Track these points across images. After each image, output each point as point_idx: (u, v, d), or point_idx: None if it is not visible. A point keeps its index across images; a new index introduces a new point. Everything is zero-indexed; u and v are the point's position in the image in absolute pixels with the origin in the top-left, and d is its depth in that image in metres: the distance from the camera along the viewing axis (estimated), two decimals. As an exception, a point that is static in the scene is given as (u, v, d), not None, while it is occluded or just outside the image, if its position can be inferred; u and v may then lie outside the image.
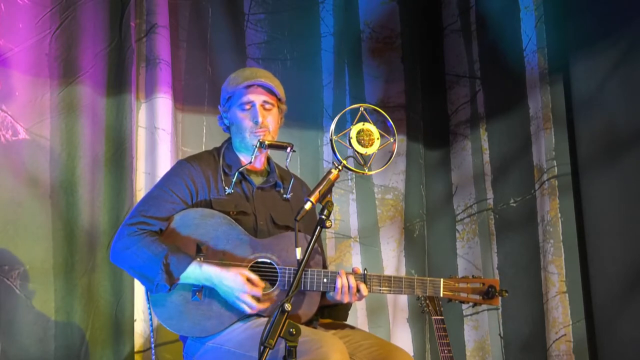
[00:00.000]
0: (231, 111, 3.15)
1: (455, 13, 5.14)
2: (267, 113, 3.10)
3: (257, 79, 3.10)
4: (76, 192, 3.90)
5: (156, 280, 2.82)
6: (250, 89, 3.10)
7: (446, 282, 3.04)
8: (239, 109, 3.11)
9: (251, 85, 3.10)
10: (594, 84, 4.28)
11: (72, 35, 4.01)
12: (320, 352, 2.59)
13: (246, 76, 3.12)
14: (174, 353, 3.85)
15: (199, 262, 2.85)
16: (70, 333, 3.79)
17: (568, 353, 4.21)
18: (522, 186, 4.60)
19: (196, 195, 3.03)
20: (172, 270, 2.82)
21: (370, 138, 2.63)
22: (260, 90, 3.10)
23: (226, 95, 3.16)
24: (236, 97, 3.12)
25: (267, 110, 3.11)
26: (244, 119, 3.10)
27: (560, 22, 4.46)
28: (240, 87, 3.10)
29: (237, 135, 3.14)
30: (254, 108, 3.09)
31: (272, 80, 3.14)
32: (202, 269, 2.84)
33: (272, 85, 3.10)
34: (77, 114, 3.96)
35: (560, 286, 4.27)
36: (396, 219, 4.87)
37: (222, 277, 2.82)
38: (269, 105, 3.11)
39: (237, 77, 3.14)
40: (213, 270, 2.84)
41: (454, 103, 5.12)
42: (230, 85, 3.14)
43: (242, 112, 3.11)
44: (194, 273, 2.84)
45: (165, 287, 2.83)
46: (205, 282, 2.85)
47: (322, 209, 2.59)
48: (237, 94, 3.11)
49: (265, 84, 3.09)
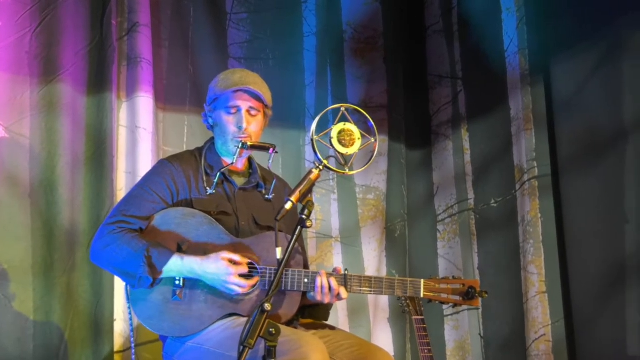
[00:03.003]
0: (216, 112, 3.14)
1: (438, 14, 5.15)
2: (252, 119, 3.09)
3: (246, 86, 3.07)
4: (56, 191, 3.88)
5: (138, 273, 2.81)
6: (237, 94, 3.08)
7: (427, 282, 3.04)
8: (224, 111, 3.10)
9: (239, 90, 3.09)
10: (575, 85, 4.31)
11: (53, 33, 3.98)
12: (300, 352, 2.59)
13: (235, 81, 3.10)
14: (154, 353, 3.83)
15: (181, 255, 2.85)
16: (49, 333, 3.77)
17: (547, 353, 4.23)
18: (502, 187, 4.63)
19: (177, 194, 3.02)
20: (155, 262, 2.81)
21: (352, 138, 2.64)
22: (248, 97, 3.09)
23: (213, 96, 3.14)
24: (223, 100, 3.10)
25: (253, 117, 3.10)
26: (229, 123, 3.09)
27: (542, 24, 4.49)
28: (228, 91, 3.08)
29: (220, 137, 3.13)
30: (239, 113, 3.08)
31: (260, 86, 3.12)
32: (184, 261, 2.83)
33: (260, 93, 3.09)
34: (58, 113, 3.93)
35: (540, 286, 4.30)
36: (377, 219, 4.88)
37: (205, 265, 2.82)
38: (255, 112, 3.11)
39: (227, 79, 3.12)
40: (195, 261, 2.83)
41: (435, 103, 5.13)
42: (218, 87, 3.12)
43: (227, 115, 3.10)
44: (176, 266, 2.83)
45: (148, 280, 2.82)
46: (188, 274, 2.85)
47: (302, 208, 2.59)
48: (224, 97, 3.10)
49: (253, 90, 3.08)
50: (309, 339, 2.68)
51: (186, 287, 2.87)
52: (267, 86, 3.17)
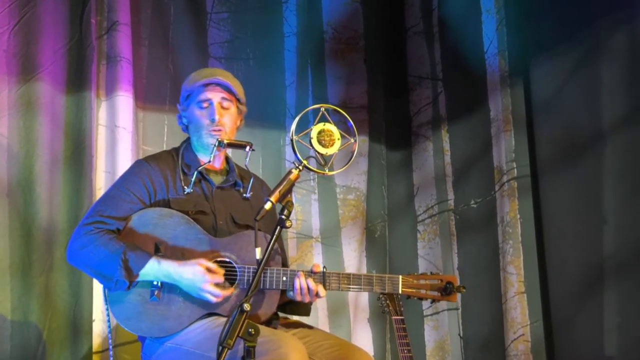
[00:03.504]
0: (189, 109, 3.14)
1: (418, 15, 5.16)
2: (224, 112, 3.10)
3: (216, 77, 3.10)
4: (34, 191, 3.85)
5: (115, 276, 2.79)
6: (208, 87, 3.10)
7: (405, 278, 3.07)
8: (196, 106, 3.11)
9: (209, 83, 3.09)
10: (554, 86, 4.33)
11: (31, 31, 3.95)
12: (279, 352, 2.59)
13: (205, 74, 3.13)
14: (133, 354, 3.81)
15: (158, 258, 2.83)
16: (26, 333, 3.73)
17: (526, 353, 4.25)
18: (482, 187, 4.64)
19: (154, 194, 3.01)
20: (131, 266, 2.80)
21: (331, 138, 2.64)
22: (219, 89, 3.10)
23: (185, 94, 3.16)
24: (194, 95, 3.12)
25: (225, 109, 3.11)
26: (201, 117, 3.10)
27: (521, 26, 4.51)
28: (198, 85, 3.10)
29: (195, 133, 3.13)
30: (211, 106, 3.09)
31: (231, 80, 3.14)
32: (161, 265, 2.82)
33: (230, 84, 3.10)
34: (36, 112, 3.90)
35: (519, 286, 4.31)
36: (358, 220, 4.88)
37: (181, 271, 2.81)
38: (227, 103, 3.11)
39: (196, 75, 3.15)
40: (172, 265, 2.82)
41: (416, 104, 5.14)
42: (189, 83, 3.15)
43: (199, 110, 3.11)
44: (152, 270, 2.82)
45: (124, 283, 2.80)
46: (164, 278, 2.84)
47: (282, 208, 2.59)
48: (195, 92, 3.11)
49: (223, 82, 3.09)
50: (288, 339, 2.68)
51: (164, 287, 2.86)
52: (238, 82, 3.19)
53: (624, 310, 3.94)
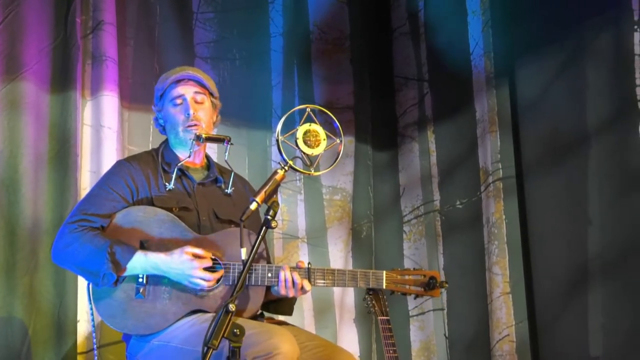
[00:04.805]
0: (164, 109, 3.15)
1: (404, 16, 5.17)
2: (198, 106, 3.11)
3: (186, 72, 3.12)
4: (18, 191, 3.82)
5: (102, 270, 2.78)
6: (180, 83, 3.11)
7: (389, 274, 3.09)
8: (170, 104, 3.12)
9: (181, 79, 3.11)
10: (539, 88, 4.35)
11: (16, 30, 3.91)
12: (271, 342, 2.60)
13: (175, 71, 3.15)
14: (117, 354, 3.80)
15: (144, 251, 2.83)
16: (11, 333, 3.70)
17: (511, 353, 4.26)
18: (468, 188, 4.65)
19: (137, 193, 3.00)
20: (118, 259, 2.79)
21: (317, 139, 2.64)
22: (191, 83, 3.12)
23: (158, 94, 3.17)
24: (167, 93, 3.13)
25: (199, 104, 3.11)
26: (176, 114, 3.10)
27: (507, 27, 4.52)
28: (169, 82, 3.12)
29: (172, 131, 3.14)
30: (185, 102, 3.10)
31: (201, 74, 3.16)
32: (148, 257, 2.82)
33: (201, 78, 3.12)
34: (20, 111, 3.87)
35: (504, 287, 4.33)
36: (344, 220, 4.89)
37: (168, 261, 2.81)
38: (201, 97, 3.12)
39: (167, 74, 3.17)
40: (158, 257, 2.82)
41: (402, 105, 5.15)
42: (160, 82, 3.17)
43: (173, 107, 3.12)
44: (139, 262, 2.81)
45: (112, 276, 2.79)
46: (152, 270, 2.83)
47: (267, 209, 2.58)
48: (167, 90, 3.13)
49: (194, 76, 3.11)
50: (278, 330, 2.70)
51: (150, 284, 2.85)
52: (210, 77, 3.20)
53: (609, 311, 3.96)
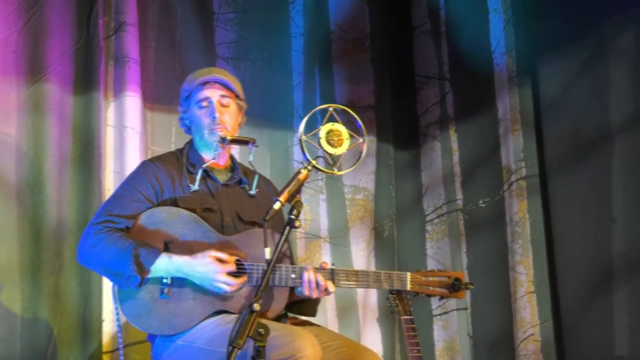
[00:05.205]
0: (190, 110, 3.16)
1: (425, 14, 5.16)
2: (224, 109, 3.11)
3: (213, 75, 3.12)
4: (43, 192, 3.85)
5: (126, 272, 2.79)
6: (206, 86, 3.11)
7: (413, 275, 3.07)
8: (196, 106, 3.12)
9: (207, 81, 3.11)
10: (562, 86, 4.33)
11: (39, 32, 3.95)
12: (294, 345, 2.59)
13: (202, 73, 3.15)
14: (143, 353, 3.81)
15: (168, 254, 2.84)
16: (36, 334, 3.73)
17: (536, 352, 4.24)
18: (491, 187, 4.64)
19: (161, 194, 3.01)
20: (142, 261, 2.80)
21: (340, 138, 2.63)
22: (217, 86, 3.11)
23: (184, 95, 3.18)
24: (193, 95, 3.13)
25: (225, 107, 3.11)
26: (202, 116, 3.10)
27: (529, 25, 4.50)
28: (196, 84, 3.12)
29: (197, 133, 3.14)
30: (211, 105, 3.10)
31: (228, 76, 3.16)
32: (172, 260, 2.83)
33: (228, 81, 3.12)
34: (44, 112, 3.90)
35: (528, 286, 4.31)
36: (366, 219, 4.88)
37: (192, 264, 2.81)
38: (227, 100, 3.12)
39: (193, 76, 3.16)
40: (182, 260, 2.83)
41: (423, 104, 5.13)
42: (187, 84, 3.17)
43: (199, 109, 3.12)
44: (163, 264, 2.82)
45: (136, 278, 2.80)
46: (176, 273, 2.83)
47: (291, 208, 2.58)
48: (193, 92, 3.13)
49: (221, 79, 3.11)
50: (301, 333, 2.69)
51: (174, 285, 2.85)
52: (236, 79, 3.20)
53: (635, 310, 3.93)
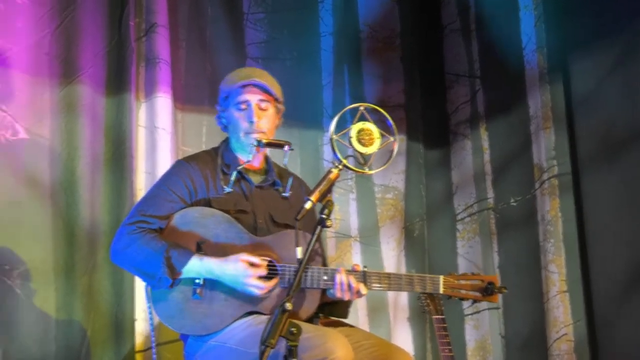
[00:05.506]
0: (228, 111, 3.16)
1: (455, 12, 5.14)
2: (262, 113, 3.11)
3: (253, 79, 3.11)
4: (76, 192, 3.89)
5: (158, 274, 2.82)
6: (246, 89, 3.11)
7: (446, 279, 3.06)
8: (235, 108, 3.13)
9: (247, 84, 3.10)
10: (594, 83, 4.28)
11: (72, 34, 4.00)
12: (326, 347, 2.60)
13: (242, 76, 3.14)
14: (175, 352, 3.83)
15: (200, 255, 2.85)
16: (70, 333, 3.78)
17: (569, 352, 4.20)
18: (522, 185, 4.60)
19: (195, 194, 3.03)
20: (174, 263, 2.82)
21: (371, 137, 2.62)
22: (256, 90, 3.11)
23: (223, 95, 3.18)
24: (232, 97, 3.13)
25: (263, 110, 3.12)
26: (240, 118, 3.11)
27: (560, 22, 4.47)
28: (236, 86, 3.11)
29: (234, 134, 3.16)
30: (249, 108, 3.10)
31: (268, 80, 3.15)
32: (203, 262, 2.84)
33: (267, 85, 3.11)
34: (77, 114, 3.95)
35: (561, 285, 4.27)
36: (396, 219, 4.87)
37: (224, 267, 2.83)
38: (265, 104, 3.12)
39: (234, 76, 3.16)
40: (214, 262, 2.84)
41: (453, 102, 5.11)
42: (226, 84, 3.16)
43: (238, 111, 3.12)
44: (195, 266, 2.84)
45: (167, 280, 2.82)
46: (207, 275, 2.85)
47: (322, 208, 2.57)
48: (233, 94, 3.13)
49: (260, 83, 3.10)
50: (333, 334, 2.69)
51: (206, 285, 2.87)
52: (276, 81, 3.20)
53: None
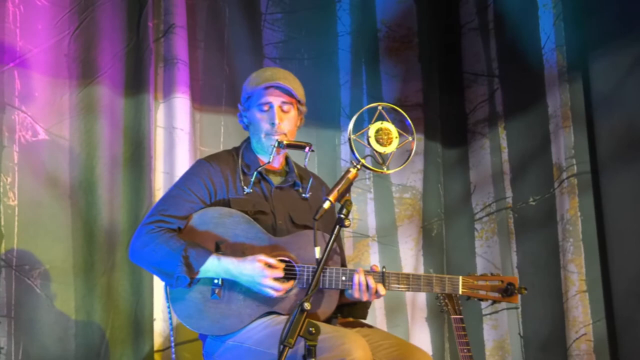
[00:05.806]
0: (250, 111, 3.16)
1: (473, 11, 5.12)
2: (284, 115, 3.11)
3: (276, 81, 3.10)
4: (95, 192, 3.93)
5: (176, 273, 2.83)
6: (269, 90, 3.10)
7: (465, 279, 3.03)
8: (257, 109, 3.13)
9: (270, 86, 3.10)
10: (614, 81, 4.25)
11: (91, 35, 4.03)
12: (344, 348, 2.60)
13: (266, 77, 3.13)
14: (194, 352, 3.85)
15: (218, 255, 2.86)
16: (90, 332, 3.81)
17: (589, 352, 4.18)
18: (541, 185, 4.58)
19: (215, 194, 3.04)
20: (192, 262, 2.83)
21: (389, 137, 2.62)
22: (279, 92, 3.10)
23: (246, 95, 3.17)
24: (255, 98, 3.13)
25: (285, 112, 3.12)
26: (262, 120, 3.11)
27: (579, 20, 4.44)
28: (259, 87, 3.11)
29: (255, 135, 3.15)
30: (271, 110, 3.10)
31: (291, 82, 3.14)
32: (221, 262, 2.85)
33: (291, 88, 3.10)
34: (96, 114, 3.98)
35: (580, 285, 4.25)
36: (414, 218, 4.86)
37: (241, 267, 2.83)
38: (287, 107, 3.12)
39: (258, 77, 3.15)
40: (231, 262, 2.85)
41: (471, 102, 5.10)
42: (250, 85, 3.16)
43: (260, 113, 3.12)
44: (212, 266, 2.85)
45: (185, 279, 2.83)
46: (224, 275, 2.86)
47: (340, 208, 2.58)
48: (256, 95, 3.12)
49: (284, 86, 3.10)
50: (351, 335, 2.69)
51: (225, 285, 2.88)
52: (299, 82, 3.19)
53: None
